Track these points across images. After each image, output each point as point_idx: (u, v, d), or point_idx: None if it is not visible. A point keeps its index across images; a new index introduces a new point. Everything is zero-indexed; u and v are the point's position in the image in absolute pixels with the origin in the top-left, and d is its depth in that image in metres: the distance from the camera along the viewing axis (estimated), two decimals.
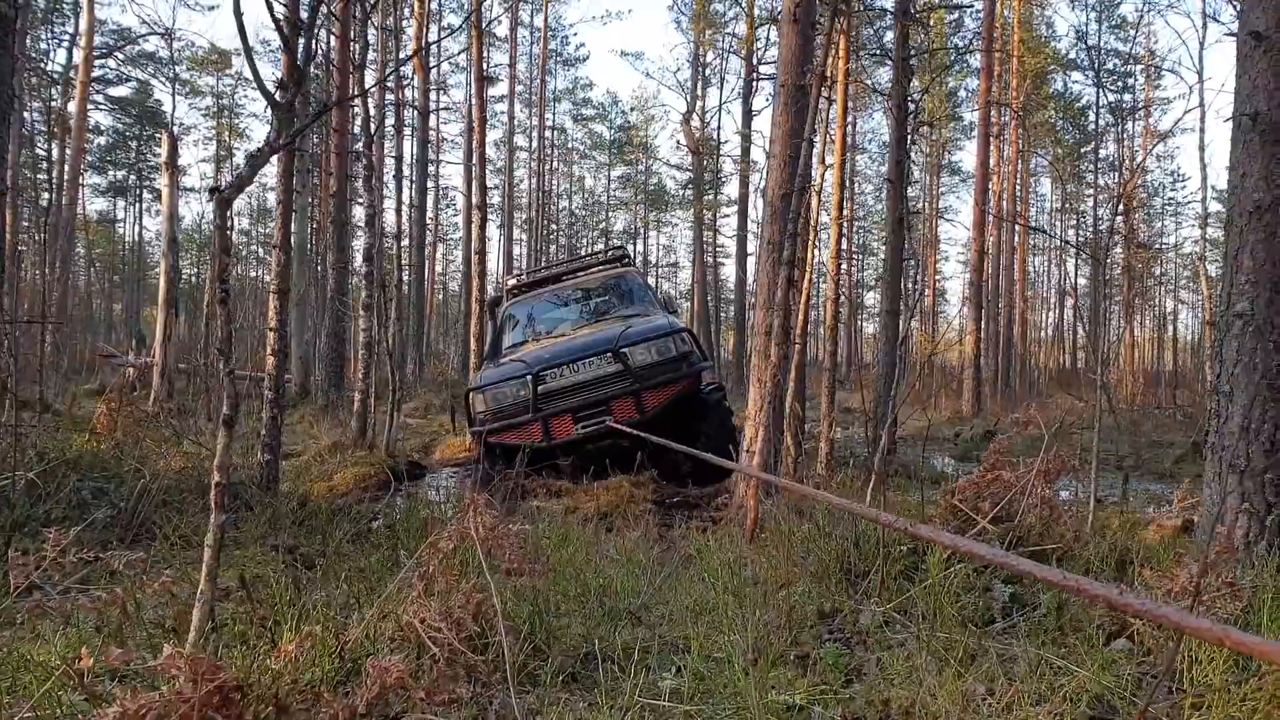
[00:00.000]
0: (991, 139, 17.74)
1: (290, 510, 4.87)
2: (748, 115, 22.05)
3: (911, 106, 9.93)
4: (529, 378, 7.18)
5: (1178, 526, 5.82)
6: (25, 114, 32.34)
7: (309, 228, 17.09)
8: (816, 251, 8.25)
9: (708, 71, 29.19)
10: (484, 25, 11.09)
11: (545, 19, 31.54)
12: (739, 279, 22.84)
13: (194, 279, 33.58)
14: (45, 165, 31.73)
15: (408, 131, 22.46)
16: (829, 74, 6.39)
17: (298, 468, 8.04)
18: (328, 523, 4.52)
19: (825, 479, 6.12)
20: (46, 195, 31.25)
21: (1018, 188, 23.77)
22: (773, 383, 5.12)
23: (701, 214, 26.21)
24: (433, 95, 21.03)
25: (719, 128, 31.26)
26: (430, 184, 34.91)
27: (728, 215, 37.05)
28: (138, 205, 37.68)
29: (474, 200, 11.20)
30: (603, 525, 5.58)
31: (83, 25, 24.23)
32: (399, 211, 13.63)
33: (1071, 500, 5.71)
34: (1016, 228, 25.31)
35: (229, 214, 1.70)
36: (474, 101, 10.34)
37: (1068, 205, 33.49)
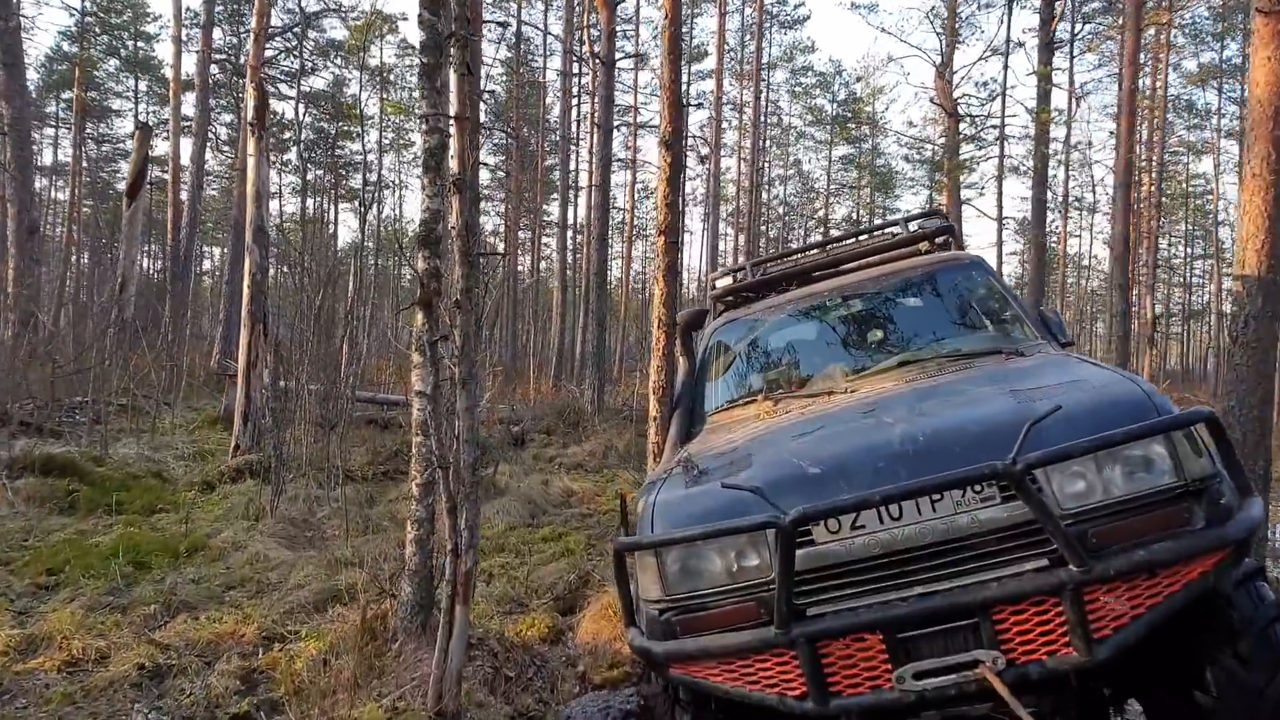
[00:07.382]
0: None
1: None
2: (1047, 48, 15.90)
3: None
4: (773, 532, 2.39)
5: None
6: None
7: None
8: None
9: (967, 11, 23.05)
10: None
11: None
12: (1036, 247, 16.89)
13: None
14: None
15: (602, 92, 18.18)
16: None
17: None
18: None
19: None
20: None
21: None
22: None
23: (959, 183, 20.64)
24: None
25: (994, 79, 24.76)
26: (627, 170, 30.88)
27: (983, 191, 30.51)
28: (334, 207, 36.56)
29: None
30: None
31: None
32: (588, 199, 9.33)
33: None
34: None
35: None
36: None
37: None
